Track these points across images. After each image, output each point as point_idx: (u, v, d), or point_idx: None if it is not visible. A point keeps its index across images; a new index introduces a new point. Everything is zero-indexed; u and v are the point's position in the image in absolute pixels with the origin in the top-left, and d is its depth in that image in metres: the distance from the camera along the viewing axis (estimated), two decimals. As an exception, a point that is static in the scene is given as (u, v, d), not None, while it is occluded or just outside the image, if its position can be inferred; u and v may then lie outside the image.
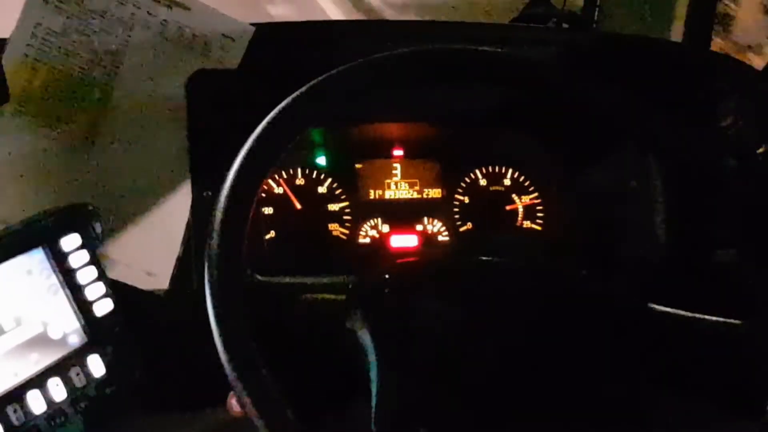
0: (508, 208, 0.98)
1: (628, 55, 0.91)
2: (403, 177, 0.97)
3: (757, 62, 1.48)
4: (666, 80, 0.87)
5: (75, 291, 0.68)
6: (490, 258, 0.69)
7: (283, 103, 0.63)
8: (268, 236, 0.92)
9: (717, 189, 0.70)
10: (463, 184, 0.97)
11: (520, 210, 0.98)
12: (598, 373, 0.64)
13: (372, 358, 0.61)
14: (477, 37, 0.91)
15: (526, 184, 0.98)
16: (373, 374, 0.60)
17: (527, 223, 0.98)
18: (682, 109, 0.73)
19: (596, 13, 1.07)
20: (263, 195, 0.91)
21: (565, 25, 1.04)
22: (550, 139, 0.94)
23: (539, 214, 0.98)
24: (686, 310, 0.66)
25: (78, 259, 0.68)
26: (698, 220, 0.80)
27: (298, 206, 0.93)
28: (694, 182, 0.72)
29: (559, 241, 0.96)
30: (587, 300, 0.67)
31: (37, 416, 0.64)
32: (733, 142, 0.90)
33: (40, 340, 0.66)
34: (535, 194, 0.98)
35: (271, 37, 0.82)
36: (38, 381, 0.65)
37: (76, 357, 0.67)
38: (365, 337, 0.63)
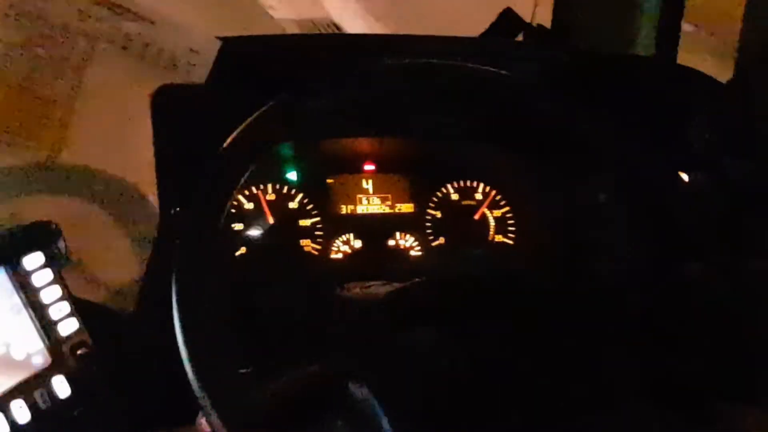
0: (480, 222, 0.98)
1: (597, 70, 0.92)
2: (374, 192, 0.96)
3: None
4: (633, 95, 0.88)
5: (38, 310, 0.66)
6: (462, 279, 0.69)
7: (250, 118, 0.62)
8: (238, 252, 0.91)
9: (683, 202, 0.70)
10: (435, 199, 0.97)
11: (492, 224, 0.98)
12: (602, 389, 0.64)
13: (379, 411, 0.60)
14: (449, 51, 0.91)
15: (498, 198, 0.98)
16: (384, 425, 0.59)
17: (499, 237, 0.98)
18: (649, 123, 0.73)
19: (565, 27, 1.08)
20: (233, 211, 0.90)
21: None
22: (521, 153, 0.94)
23: (511, 228, 0.98)
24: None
25: (41, 277, 0.67)
26: (664, 233, 0.80)
27: (269, 222, 0.92)
28: (660, 196, 0.72)
29: (531, 255, 0.96)
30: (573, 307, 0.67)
31: (-1, 440, 0.62)
32: (700, 156, 0.90)
33: (3, 362, 0.64)
34: (507, 208, 0.98)
35: (238, 50, 0.82)
36: (1, 404, 0.63)
37: (40, 378, 0.66)
38: (365, 395, 0.61)
